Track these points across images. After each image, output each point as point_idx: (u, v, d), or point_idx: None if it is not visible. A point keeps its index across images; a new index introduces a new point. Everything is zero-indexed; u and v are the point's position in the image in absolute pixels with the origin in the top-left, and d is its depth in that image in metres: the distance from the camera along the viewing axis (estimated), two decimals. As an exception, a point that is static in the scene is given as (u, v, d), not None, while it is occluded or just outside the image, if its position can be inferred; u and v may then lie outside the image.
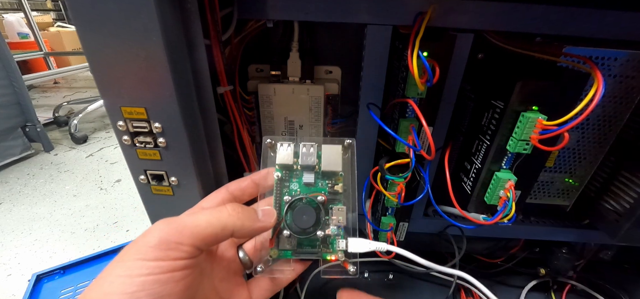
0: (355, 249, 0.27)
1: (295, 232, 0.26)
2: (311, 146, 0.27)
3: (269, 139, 0.27)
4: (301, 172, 0.27)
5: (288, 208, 0.26)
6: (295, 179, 0.28)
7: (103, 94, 0.22)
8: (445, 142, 0.34)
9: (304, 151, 0.27)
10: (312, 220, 0.26)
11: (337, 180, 0.28)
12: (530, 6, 0.25)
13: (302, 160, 0.27)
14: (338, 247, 0.27)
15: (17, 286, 0.80)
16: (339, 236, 0.27)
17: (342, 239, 0.27)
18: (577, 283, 0.48)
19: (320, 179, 0.28)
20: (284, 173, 0.28)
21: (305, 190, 0.27)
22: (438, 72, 0.25)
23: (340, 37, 0.34)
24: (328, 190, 0.27)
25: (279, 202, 0.27)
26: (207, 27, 0.24)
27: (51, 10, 3.17)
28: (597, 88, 0.23)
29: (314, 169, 0.27)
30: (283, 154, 0.27)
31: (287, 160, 0.27)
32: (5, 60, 1.16)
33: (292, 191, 0.27)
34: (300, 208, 0.26)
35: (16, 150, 1.30)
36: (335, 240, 0.27)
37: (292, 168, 0.27)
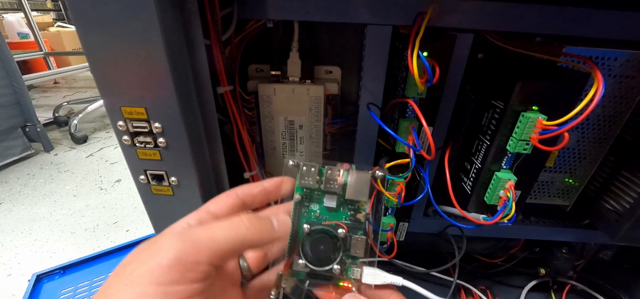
0: (370, 280, 0.26)
1: (310, 262, 0.25)
2: (337, 170, 0.26)
3: (291, 161, 0.26)
4: (322, 194, 0.26)
5: (306, 236, 0.26)
6: (316, 201, 0.27)
7: (103, 94, 0.22)
8: (445, 142, 0.34)
9: (329, 174, 0.26)
10: (330, 252, 0.25)
11: (360, 207, 0.26)
12: (530, 6, 0.25)
13: (326, 184, 0.26)
14: (352, 275, 0.26)
15: (17, 286, 0.80)
16: (354, 265, 0.26)
17: (357, 268, 0.26)
18: (577, 283, 0.48)
19: (343, 204, 0.26)
20: (305, 194, 0.26)
21: (325, 213, 0.26)
22: (438, 72, 0.25)
23: (340, 37, 0.34)
24: (350, 218, 0.26)
25: (297, 226, 0.26)
26: (207, 27, 0.24)
27: (51, 10, 3.17)
28: (597, 88, 0.23)
29: (336, 193, 0.26)
30: (306, 175, 0.26)
31: (309, 182, 0.26)
32: (5, 60, 1.16)
33: (312, 212, 0.26)
34: (319, 238, 0.25)
35: (16, 150, 1.30)
36: (350, 267, 0.26)
37: (313, 189, 0.26)
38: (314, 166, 0.26)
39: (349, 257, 0.26)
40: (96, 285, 0.64)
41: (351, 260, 0.26)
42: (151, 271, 0.16)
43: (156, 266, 0.16)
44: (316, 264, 0.25)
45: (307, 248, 0.25)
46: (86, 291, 0.63)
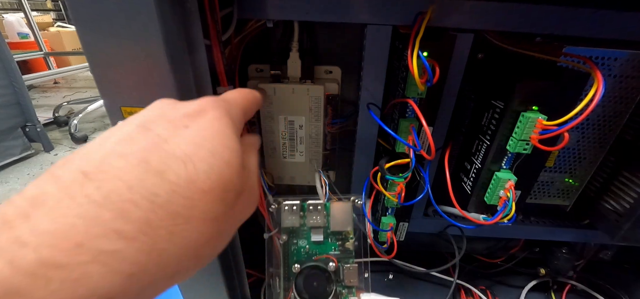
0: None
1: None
2: (318, 205, 0.27)
3: (274, 204, 0.27)
4: (309, 229, 0.27)
5: (298, 275, 0.26)
6: (303, 237, 0.27)
7: (103, 94, 0.22)
8: (445, 142, 0.34)
9: (311, 210, 0.27)
10: (323, 287, 0.26)
11: (347, 235, 0.27)
12: (530, 6, 0.25)
13: (309, 221, 0.26)
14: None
15: (17, 286, 0.80)
16: (351, 294, 0.26)
17: (354, 296, 0.27)
18: (577, 283, 0.48)
19: (330, 235, 0.27)
20: (292, 234, 0.27)
21: (314, 247, 0.27)
22: (438, 72, 0.25)
23: (340, 37, 0.34)
24: (338, 248, 0.27)
25: (287, 267, 0.26)
26: (207, 27, 0.24)
27: (51, 10, 3.17)
28: (597, 88, 0.23)
29: (321, 227, 0.27)
30: (288, 216, 0.26)
31: (293, 223, 0.26)
32: (5, 60, 1.16)
33: (301, 248, 0.27)
34: (310, 275, 0.26)
35: (16, 150, 1.30)
36: (346, 297, 0.27)
37: (297, 228, 0.27)
38: (296, 204, 0.27)
39: (344, 287, 0.26)
40: (96, 285, 0.64)
41: (347, 290, 0.26)
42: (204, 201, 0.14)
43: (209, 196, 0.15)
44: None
45: (301, 287, 0.26)
46: (86, 291, 0.63)
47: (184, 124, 0.15)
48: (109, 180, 0.12)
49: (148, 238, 0.12)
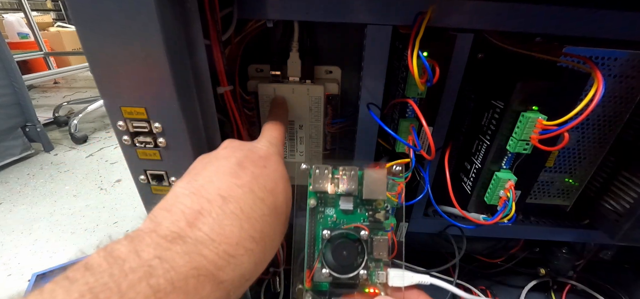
0: (397, 282, 0.24)
1: (334, 270, 0.24)
2: (351, 170, 0.25)
3: (304, 165, 0.25)
4: (337, 198, 0.25)
5: (327, 242, 0.24)
6: (330, 205, 0.25)
7: (103, 94, 0.22)
8: (445, 142, 0.34)
9: (343, 176, 0.25)
10: (354, 257, 0.24)
11: (377, 205, 0.25)
12: (530, 6, 0.25)
13: (341, 186, 0.24)
14: (378, 279, 0.24)
15: (17, 286, 0.80)
16: (378, 268, 0.24)
17: (381, 271, 0.24)
18: (577, 283, 0.48)
19: (359, 205, 0.25)
20: (319, 199, 0.25)
21: (342, 216, 0.25)
22: (438, 72, 0.25)
23: (340, 37, 0.34)
24: (368, 218, 0.25)
25: (314, 233, 0.24)
26: (207, 27, 0.24)
27: (51, 10, 3.17)
28: (597, 88, 0.23)
29: (351, 195, 0.25)
30: (319, 178, 0.25)
31: (323, 186, 0.24)
32: (5, 60, 1.16)
33: (328, 217, 0.25)
34: (340, 244, 0.24)
35: (16, 150, 1.29)
36: (374, 271, 0.24)
37: (328, 193, 0.25)
38: (327, 169, 0.25)
39: (372, 260, 0.24)
40: (96, 285, 0.64)
41: (374, 264, 0.24)
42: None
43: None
44: (340, 272, 0.24)
45: (329, 256, 0.24)
46: (86, 291, 0.62)
47: (263, 165, 0.22)
48: (240, 202, 0.19)
49: (264, 243, 0.19)
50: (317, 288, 0.24)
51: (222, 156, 0.22)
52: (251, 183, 0.20)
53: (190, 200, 0.18)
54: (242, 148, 0.23)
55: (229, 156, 0.22)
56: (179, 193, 0.19)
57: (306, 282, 0.24)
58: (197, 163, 0.23)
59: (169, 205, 0.18)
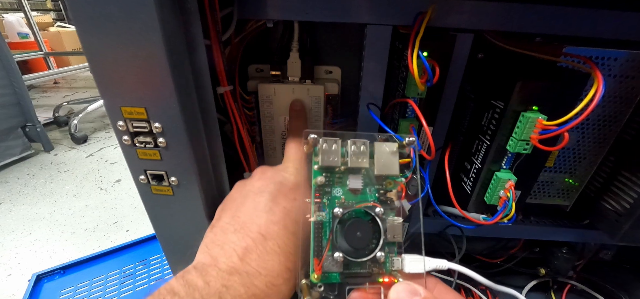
0: (414, 268, 0.22)
1: (348, 254, 0.21)
2: (362, 144, 0.22)
3: (313, 134, 0.22)
4: (345, 175, 0.22)
5: (337, 223, 0.21)
6: (338, 184, 0.22)
7: (103, 94, 0.22)
8: (445, 142, 0.34)
9: (353, 150, 0.22)
10: (368, 238, 0.21)
11: (388, 185, 0.23)
12: (530, 6, 0.25)
13: (351, 160, 0.22)
14: (392, 267, 0.22)
15: (17, 286, 0.80)
16: (392, 254, 0.22)
17: (396, 257, 0.22)
18: (577, 283, 0.48)
19: (369, 184, 0.23)
20: (327, 177, 0.22)
21: (350, 197, 0.22)
22: (438, 72, 0.25)
23: (340, 37, 0.34)
24: (379, 198, 0.23)
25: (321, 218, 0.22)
26: (207, 27, 0.24)
27: (51, 10, 3.17)
28: (597, 88, 0.23)
29: (361, 172, 0.23)
30: (328, 153, 0.22)
31: (332, 160, 0.22)
32: (5, 60, 1.16)
33: (335, 198, 0.22)
34: (353, 223, 0.21)
35: (16, 150, 1.30)
36: (388, 258, 0.22)
37: (335, 170, 0.22)
38: (336, 142, 0.22)
39: (386, 244, 0.22)
40: (96, 285, 0.64)
41: (389, 248, 0.22)
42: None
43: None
44: (355, 256, 0.21)
45: (342, 238, 0.21)
46: (86, 291, 0.63)
47: (293, 198, 0.25)
48: (277, 240, 0.22)
49: (296, 270, 0.22)
50: (326, 280, 0.21)
51: (258, 190, 0.25)
52: (284, 220, 0.23)
53: (236, 238, 0.22)
54: (274, 179, 0.26)
55: (263, 190, 0.25)
56: (226, 228, 0.23)
57: (315, 271, 0.21)
58: (235, 193, 0.27)
59: (221, 242, 0.22)
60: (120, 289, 0.63)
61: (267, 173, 0.27)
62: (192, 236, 0.30)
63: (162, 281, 0.19)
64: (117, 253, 0.71)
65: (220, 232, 0.23)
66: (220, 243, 0.22)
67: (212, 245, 0.22)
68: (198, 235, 0.29)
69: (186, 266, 0.22)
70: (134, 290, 0.63)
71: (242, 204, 0.25)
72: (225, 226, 0.23)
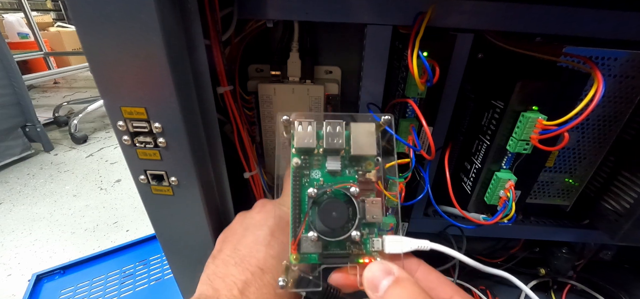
0: (394, 249, 0.22)
1: (323, 233, 0.21)
2: (337, 124, 0.22)
3: (285, 116, 0.22)
4: (323, 157, 0.22)
5: (312, 204, 0.21)
6: (316, 166, 0.22)
7: (103, 94, 0.22)
8: (445, 142, 0.34)
9: (329, 131, 0.22)
10: (344, 218, 0.21)
11: (368, 166, 0.23)
12: (530, 6, 0.25)
13: (327, 142, 0.22)
14: (372, 247, 0.22)
15: (17, 286, 0.80)
16: (372, 234, 0.22)
17: (376, 238, 0.22)
18: (577, 283, 0.48)
19: (348, 166, 0.23)
20: (303, 159, 0.22)
21: (329, 179, 0.22)
22: (438, 72, 0.25)
23: (340, 37, 0.34)
24: (358, 179, 0.22)
25: (299, 196, 0.22)
26: (207, 27, 0.24)
27: (51, 10, 3.17)
28: (597, 88, 0.23)
29: (340, 153, 0.22)
30: (303, 135, 0.22)
31: (308, 142, 0.22)
32: (5, 60, 1.16)
33: (314, 181, 0.22)
34: (328, 203, 0.21)
35: (16, 150, 1.30)
36: (368, 238, 0.22)
37: (313, 152, 0.22)
38: (311, 123, 0.22)
39: (366, 226, 0.22)
40: (96, 285, 0.64)
41: (368, 229, 0.22)
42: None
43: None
44: (330, 235, 0.21)
45: (317, 218, 0.21)
46: (86, 291, 0.63)
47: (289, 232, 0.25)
48: (274, 273, 0.23)
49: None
50: (304, 260, 0.22)
51: (258, 224, 0.26)
52: (281, 254, 0.24)
53: (237, 271, 0.23)
54: (273, 213, 0.27)
55: (263, 224, 0.26)
56: (227, 261, 0.24)
57: (291, 251, 0.21)
58: (236, 225, 0.28)
59: (222, 275, 0.23)
60: (120, 289, 0.63)
61: (266, 206, 0.28)
62: (192, 236, 0.30)
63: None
64: (117, 253, 0.72)
65: (222, 264, 0.24)
66: (222, 276, 0.23)
67: (214, 276, 0.23)
68: (198, 234, 0.30)
69: (185, 266, 0.23)
70: (134, 290, 0.63)
71: (243, 237, 0.26)
72: (226, 259, 0.24)
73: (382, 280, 0.19)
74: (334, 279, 0.22)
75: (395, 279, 0.19)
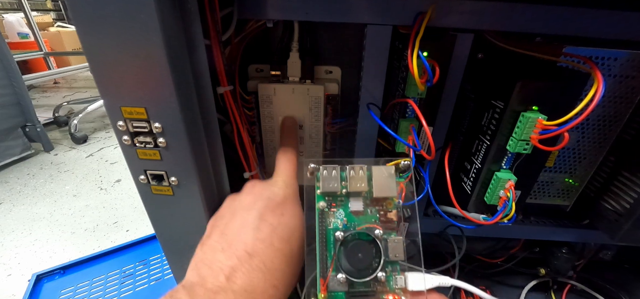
0: (417, 286, 0.23)
1: (350, 274, 0.22)
2: (360, 169, 0.24)
3: (312, 164, 0.24)
4: (346, 199, 0.24)
5: (340, 246, 0.22)
6: (340, 206, 0.24)
7: (103, 94, 0.22)
8: (445, 142, 0.34)
9: (352, 175, 0.24)
10: (370, 258, 0.22)
11: (388, 206, 0.24)
12: (530, 6, 0.25)
13: (351, 185, 0.23)
14: (396, 285, 0.23)
15: (17, 286, 0.80)
16: (395, 272, 0.23)
17: (399, 275, 0.23)
18: (577, 283, 0.48)
19: (369, 206, 0.24)
20: (328, 201, 0.24)
21: (352, 219, 0.24)
22: (438, 72, 0.25)
23: (340, 37, 0.34)
24: (379, 219, 0.24)
25: (325, 238, 0.23)
26: (207, 27, 0.24)
27: (51, 10, 3.16)
28: (597, 88, 0.23)
29: (361, 195, 0.24)
30: (328, 180, 0.23)
31: (333, 186, 0.23)
32: (5, 60, 1.16)
33: (337, 220, 0.24)
34: (354, 245, 0.22)
35: (16, 150, 1.30)
36: (391, 276, 0.23)
37: (336, 194, 0.24)
38: (335, 169, 0.24)
39: (389, 264, 0.23)
40: (96, 285, 0.64)
41: (391, 267, 0.23)
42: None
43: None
44: (357, 276, 0.22)
45: (344, 260, 0.22)
46: (86, 291, 0.63)
47: (281, 213, 0.25)
48: (262, 257, 0.23)
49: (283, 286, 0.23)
50: (333, 295, 0.23)
51: (246, 207, 0.26)
52: (271, 237, 0.24)
53: (224, 256, 0.23)
54: (263, 195, 0.26)
55: (251, 207, 0.26)
56: (215, 247, 0.24)
57: (321, 291, 0.22)
58: (224, 210, 0.27)
59: (209, 261, 0.23)
60: (120, 289, 0.63)
61: (256, 187, 0.28)
62: (192, 236, 0.30)
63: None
64: (117, 253, 0.71)
65: (209, 250, 0.23)
66: (209, 262, 0.23)
67: (201, 263, 0.23)
68: (198, 234, 0.29)
69: (185, 266, 0.22)
70: (134, 290, 0.63)
71: (230, 221, 0.25)
72: (214, 245, 0.24)
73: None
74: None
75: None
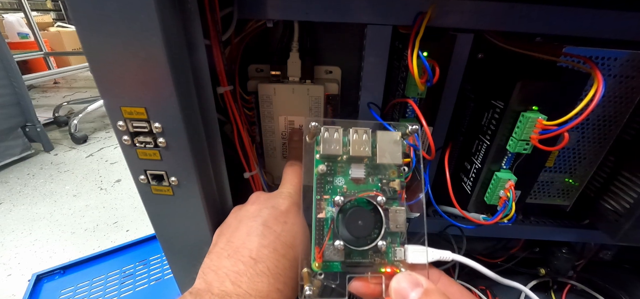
0: (416, 259, 0.22)
1: (349, 242, 0.21)
2: (364, 132, 0.22)
3: (314, 123, 0.22)
4: (347, 165, 0.22)
5: (338, 212, 0.21)
6: (340, 173, 0.22)
7: (103, 94, 0.22)
8: (445, 142, 0.34)
9: (355, 139, 0.22)
10: (370, 227, 0.21)
11: (391, 175, 0.22)
12: (530, 6, 0.25)
13: (353, 149, 0.22)
14: (395, 257, 0.22)
15: (17, 286, 0.80)
16: (395, 243, 0.22)
17: (399, 247, 0.22)
18: (577, 283, 0.48)
19: (371, 174, 0.22)
20: (328, 166, 0.22)
21: (353, 187, 0.22)
22: (438, 72, 0.25)
23: (340, 37, 0.34)
24: (381, 187, 0.22)
25: (322, 203, 0.22)
26: (207, 27, 0.24)
27: (51, 10, 3.16)
28: (597, 88, 0.23)
29: (363, 161, 0.22)
30: (330, 141, 0.21)
31: (334, 149, 0.21)
32: (5, 60, 1.16)
33: (337, 188, 0.22)
34: (354, 212, 0.21)
35: (16, 150, 1.30)
36: (390, 248, 0.22)
37: (337, 159, 0.22)
38: (337, 130, 0.22)
39: (389, 234, 0.22)
40: (96, 285, 0.64)
41: (391, 238, 0.22)
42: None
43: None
44: (355, 244, 0.21)
45: (343, 226, 0.21)
46: (86, 291, 0.63)
47: (284, 221, 0.26)
48: (266, 262, 0.23)
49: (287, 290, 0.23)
50: (327, 268, 0.21)
51: (252, 215, 0.26)
52: (275, 243, 0.24)
53: (229, 262, 0.23)
54: (268, 204, 0.27)
55: (257, 215, 0.26)
56: (221, 253, 0.24)
57: (316, 259, 0.21)
58: (231, 219, 0.28)
59: (215, 267, 0.23)
60: (120, 289, 0.63)
61: (261, 198, 0.29)
62: (192, 236, 0.30)
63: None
64: (117, 253, 0.72)
65: (215, 257, 0.24)
66: (215, 269, 0.23)
67: (208, 270, 0.23)
68: (198, 234, 0.30)
69: (185, 266, 0.23)
70: (134, 290, 0.63)
71: (236, 229, 0.26)
72: (220, 252, 0.24)
73: (411, 292, 0.19)
74: (354, 287, 0.22)
75: (425, 291, 0.19)
